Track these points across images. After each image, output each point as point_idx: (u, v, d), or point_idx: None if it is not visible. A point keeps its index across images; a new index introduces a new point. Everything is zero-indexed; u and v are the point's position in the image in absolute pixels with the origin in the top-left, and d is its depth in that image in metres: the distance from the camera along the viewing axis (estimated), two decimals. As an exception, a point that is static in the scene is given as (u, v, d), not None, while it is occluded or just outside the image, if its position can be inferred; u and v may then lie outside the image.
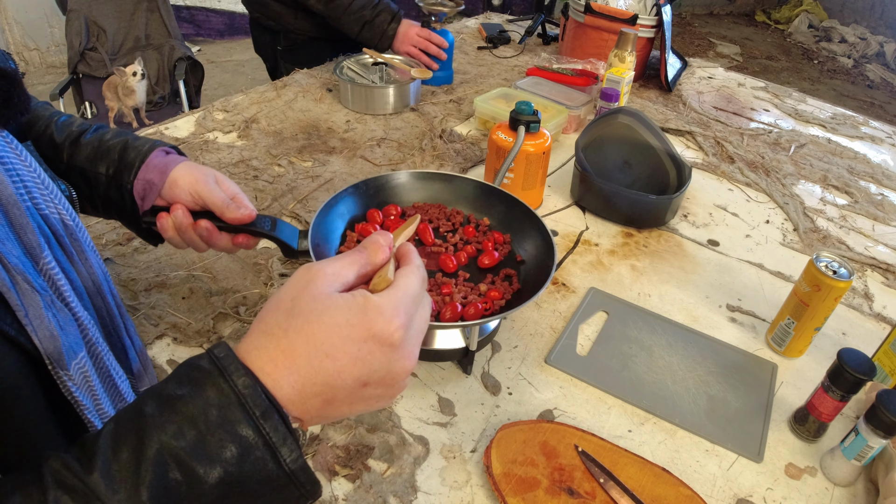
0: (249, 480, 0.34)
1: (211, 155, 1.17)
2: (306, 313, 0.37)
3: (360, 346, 0.36)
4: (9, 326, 0.38)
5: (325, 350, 0.36)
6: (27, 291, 0.39)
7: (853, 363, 0.66)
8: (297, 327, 0.36)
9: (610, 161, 1.17)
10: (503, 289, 0.78)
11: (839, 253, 1.06)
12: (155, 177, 0.65)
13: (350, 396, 0.37)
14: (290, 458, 0.35)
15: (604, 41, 1.57)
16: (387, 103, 1.38)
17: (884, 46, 4.92)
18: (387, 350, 0.37)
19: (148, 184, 0.65)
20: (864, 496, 0.67)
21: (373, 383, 0.37)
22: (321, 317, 0.36)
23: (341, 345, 0.36)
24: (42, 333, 0.39)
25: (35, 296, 0.40)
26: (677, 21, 5.53)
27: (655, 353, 0.82)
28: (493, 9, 4.51)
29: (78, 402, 0.43)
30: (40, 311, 0.40)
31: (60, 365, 0.41)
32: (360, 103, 1.38)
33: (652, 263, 1.00)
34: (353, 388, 0.37)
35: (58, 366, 0.41)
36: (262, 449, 0.34)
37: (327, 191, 1.09)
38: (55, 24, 3.54)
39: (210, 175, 0.66)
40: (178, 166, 0.66)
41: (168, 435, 0.33)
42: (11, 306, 0.38)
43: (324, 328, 0.36)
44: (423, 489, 0.64)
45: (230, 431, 0.34)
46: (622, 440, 0.71)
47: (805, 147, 1.42)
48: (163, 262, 0.90)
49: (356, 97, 1.38)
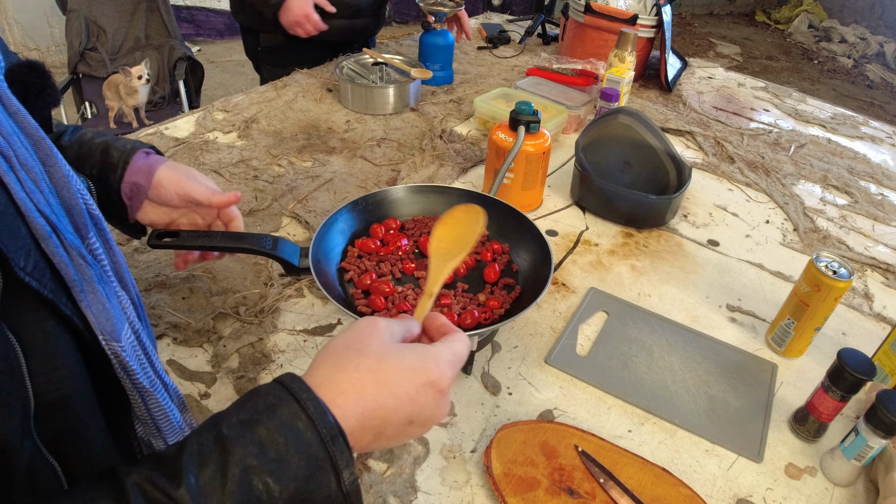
0: (314, 499, 0.37)
1: (211, 155, 1.17)
2: (377, 355, 0.42)
3: (418, 389, 0.42)
4: (64, 305, 0.38)
5: (390, 389, 0.41)
6: (81, 266, 0.40)
7: (853, 363, 0.66)
8: (368, 366, 0.41)
9: (610, 161, 1.17)
10: (502, 298, 0.78)
11: (839, 253, 1.06)
12: (141, 179, 0.68)
13: (396, 432, 0.42)
14: (349, 480, 0.39)
15: (604, 41, 1.57)
16: (387, 103, 1.38)
17: (884, 46, 4.92)
18: (437, 395, 0.43)
19: (135, 186, 0.68)
20: (864, 496, 0.67)
21: (417, 423, 0.42)
22: (390, 360, 0.42)
23: (404, 385, 0.41)
24: (96, 308, 0.41)
25: (88, 269, 0.40)
26: (677, 21, 5.53)
27: (655, 353, 0.82)
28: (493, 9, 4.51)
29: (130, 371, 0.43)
30: (93, 283, 0.41)
31: (113, 337, 0.42)
32: (360, 103, 1.38)
33: (652, 263, 1.00)
34: (402, 426, 0.42)
35: (111, 338, 0.42)
36: (329, 470, 0.38)
37: (327, 191, 1.09)
38: (55, 24, 3.54)
39: (189, 172, 0.71)
40: (160, 168, 0.69)
41: (250, 453, 0.36)
42: (67, 283, 0.39)
43: (392, 370, 0.42)
44: (423, 489, 0.64)
45: (304, 452, 0.37)
46: (622, 440, 0.71)
47: (805, 147, 1.42)
48: (163, 261, 0.90)
49: (356, 97, 1.38)
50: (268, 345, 0.78)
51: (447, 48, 1.52)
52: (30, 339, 0.35)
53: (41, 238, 0.37)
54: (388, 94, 1.37)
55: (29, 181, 0.37)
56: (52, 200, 0.39)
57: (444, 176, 1.17)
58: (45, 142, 0.40)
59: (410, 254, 0.85)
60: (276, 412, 0.38)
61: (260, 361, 0.76)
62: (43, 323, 0.37)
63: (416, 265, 0.83)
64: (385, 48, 1.79)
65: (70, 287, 0.39)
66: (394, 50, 1.72)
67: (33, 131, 0.39)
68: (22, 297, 0.35)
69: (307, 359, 0.77)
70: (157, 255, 0.90)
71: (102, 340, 0.41)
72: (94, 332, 0.40)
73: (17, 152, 0.36)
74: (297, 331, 0.81)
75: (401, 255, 0.84)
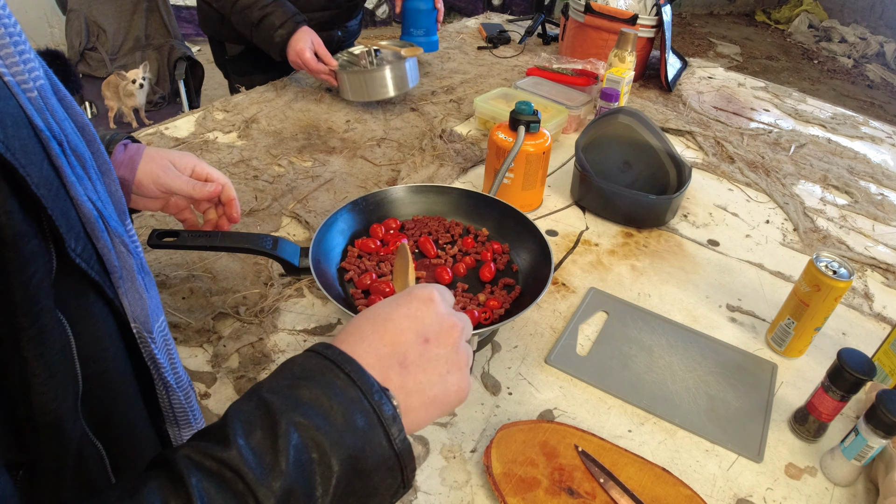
0: (366, 458, 0.37)
1: (211, 155, 1.17)
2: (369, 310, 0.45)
3: (409, 306, 0.44)
4: (109, 289, 0.38)
5: (383, 317, 0.43)
6: (123, 254, 0.40)
7: (853, 363, 0.66)
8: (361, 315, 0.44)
9: (610, 161, 1.17)
10: (502, 298, 0.78)
11: (839, 253, 1.06)
12: (125, 173, 0.68)
13: (420, 358, 0.42)
14: (399, 437, 0.38)
15: (604, 41, 1.57)
16: (385, 86, 1.32)
17: (884, 46, 4.92)
18: (430, 305, 0.44)
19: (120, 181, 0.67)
20: (864, 496, 0.67)
21: (432, 338, 0.43)
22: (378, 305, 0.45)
23: (395, 309, 0.44)
24: (132, 296, 0.41)
25: (129, 258, 0.41)
26: (677, 21, 5.53)
27: (655, 353, 0.82)
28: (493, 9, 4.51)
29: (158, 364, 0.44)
30: (132, 272, 0.41)
31: (146, 328, 0.42)
32: (359, 91, 1.33)
33: (652, 263, 1.00)
34: (418, 345, 0.42)
35: (143, 328, 0.42)
36: (377, 425, 0.37)
37: (327, 191, 1.09)
38: (55, 24, 3.54)
39: (166, 163, 0.70)
40: (140, 163, 0.69)
41: (298, 414, 0.36)
42: (108, 269, 0.39)
43: (381, 307, 0.45)
44: (423, 489, 0.64)
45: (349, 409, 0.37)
46: (622, 440, 0.71)
47: (805, 147, 1.42)
48: (163, 261, 0.90)
49: (354, 85, 1.33)
50: (268, 345, 0.78)
51: (429, 13, 1.52)
52: (78, 321, 0.35)
53: (87, 222, 0.37)
54: (385, 77, 1.32)
55: (78, 166, 0.37)
56: (98, 186, 0.39)
57: (444, 176, 1.17)
58: (89, 128, 0.40)
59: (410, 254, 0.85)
60: (313, 375, 0.38)
61: (260, 361, 0.76)
62: (90, 306, 0.37)
63: (416, 265, 0.83)
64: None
65: (110, 273, 0.39)
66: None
67: (78, 117, 0.39)
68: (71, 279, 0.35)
69: (307, 359, 0.77)
70: (157, 255, 0.90)
71: (135, 329, 0.41)
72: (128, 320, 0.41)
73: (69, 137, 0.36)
74: (297, 331, 0.81)
75: (401, 255, 0.84)
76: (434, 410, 0.43)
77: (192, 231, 0.72)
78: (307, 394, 0.37)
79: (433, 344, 0.43)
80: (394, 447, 0.38)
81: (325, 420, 0.36)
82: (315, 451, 0.35)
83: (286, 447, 0.34)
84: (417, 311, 0.44)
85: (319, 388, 0.37)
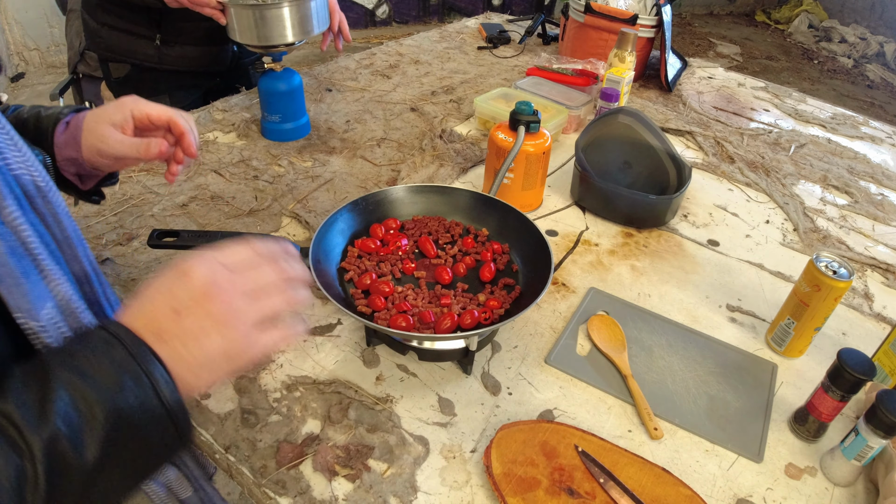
0: (134, 413, 0.40)
1: (211, 155, 1.17)
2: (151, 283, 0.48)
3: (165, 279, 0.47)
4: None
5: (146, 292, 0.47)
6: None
7: (853, 363, 0.66)
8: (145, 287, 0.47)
9: (610, 161, 1.17)
10: (502, 298, 0.78)
11: (839, 253, 1.06)
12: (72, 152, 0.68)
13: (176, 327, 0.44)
14: (172, 397, 0.42)
15: (604, 41, 1.57)
16: (282, 27, 1.08)
17: (884, 46, 4.92)
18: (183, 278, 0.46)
19: (71, 162, 0.68)
20: (864, 496, 0.67)
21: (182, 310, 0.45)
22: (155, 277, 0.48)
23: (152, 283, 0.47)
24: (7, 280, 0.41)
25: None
26: (677, 21, 5.53)
27: (655, 353, 0.82)
28: (493, 9, 4.51)
29: None
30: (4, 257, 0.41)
31: (31, 315, 0.42)
32: (250, 31, 1.09)
33: (652, 263, 1.00)
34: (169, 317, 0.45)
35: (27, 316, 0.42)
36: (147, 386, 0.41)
37: (327, 191, 1.09)
38: (55, 24, 3.54)
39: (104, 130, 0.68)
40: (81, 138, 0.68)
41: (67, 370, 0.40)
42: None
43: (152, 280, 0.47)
44: (423, 489, 0.64)
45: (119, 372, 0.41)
46: (622, 440, 0.71)
47: (805, 147, 1.42)
48: (163, 262, 0.90)
49: (243, 24, 1.08)
50: (268, 345, 0.78)
51: (292, 94, 1.19)
52: None
53: None
54: (283, 15, 1.07)
55: None
56: None
57: (444, 176, 1.17)
58: None
59: (410, 254, 0.85)
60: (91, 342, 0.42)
61: (260, 361, 0.76)
62: None
63: (415, 265, 0.83)
64: (384, 48, 1.79)
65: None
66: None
67: None
68: None
69: (307, 359, 0.77)
70: (157, 255, 0.90)
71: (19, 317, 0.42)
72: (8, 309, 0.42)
73: None
74: (297, 331, 0.81)
75: (401, 255, 0.84)
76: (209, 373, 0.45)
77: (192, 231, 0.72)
78: (82, 358, 0.41)
79: (184, 315, 0.45)
80: (164, 404, 0.42)
81: (94, 380, 0.40)
82: (82, 401, 0.39)
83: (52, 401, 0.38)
84: (171, 284, 0.46)
85: (94, 354, 0.41)
